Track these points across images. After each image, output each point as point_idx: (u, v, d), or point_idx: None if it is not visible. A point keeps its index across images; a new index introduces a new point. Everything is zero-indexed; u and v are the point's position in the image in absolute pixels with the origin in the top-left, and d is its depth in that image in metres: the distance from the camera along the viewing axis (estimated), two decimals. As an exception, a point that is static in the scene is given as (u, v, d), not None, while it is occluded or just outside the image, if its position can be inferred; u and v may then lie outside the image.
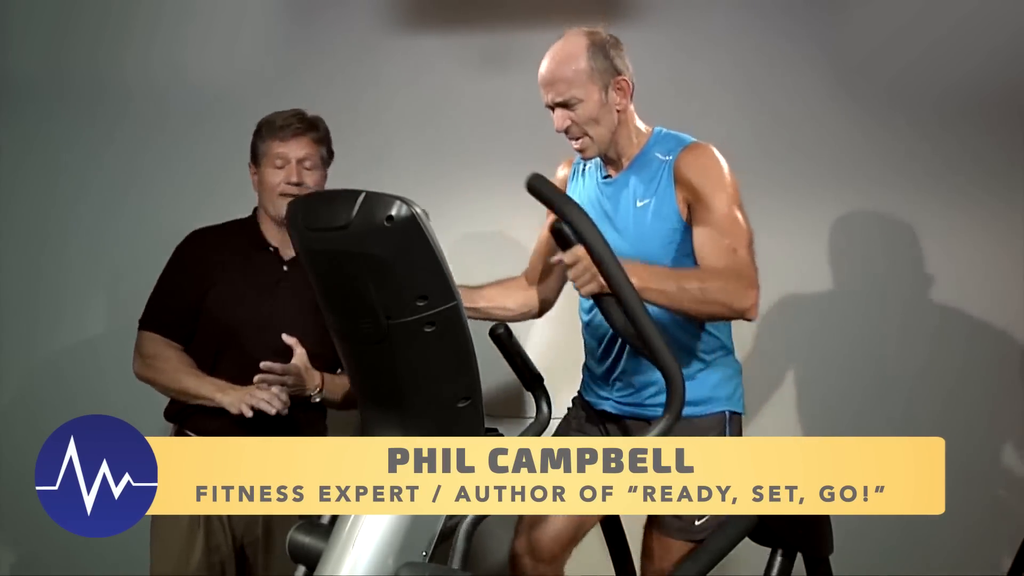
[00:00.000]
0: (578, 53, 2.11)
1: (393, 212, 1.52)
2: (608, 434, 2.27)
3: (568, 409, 2.40)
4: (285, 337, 2.26)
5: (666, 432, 1.72)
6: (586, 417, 2.34)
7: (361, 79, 3.04)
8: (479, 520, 1.65)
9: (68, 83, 3.07)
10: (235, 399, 2.22)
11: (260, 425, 2.21)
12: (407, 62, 3.02)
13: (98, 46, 3.06)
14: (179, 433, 2.39)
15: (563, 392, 2.45)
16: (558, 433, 2.33)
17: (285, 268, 2.40)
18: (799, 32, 2.93)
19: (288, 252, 2.40)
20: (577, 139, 2.15)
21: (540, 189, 1.67)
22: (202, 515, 2.32)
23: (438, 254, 1.56)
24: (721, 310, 1.95)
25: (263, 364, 2.21)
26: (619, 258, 1.74)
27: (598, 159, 2.24)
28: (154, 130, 3.02)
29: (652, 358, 1.72)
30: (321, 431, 2.47)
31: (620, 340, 2.18)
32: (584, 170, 2.30)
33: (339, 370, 2.41)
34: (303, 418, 2.32)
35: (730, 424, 2.18)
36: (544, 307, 2.43)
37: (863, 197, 2.96)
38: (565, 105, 2.11)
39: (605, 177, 2.23)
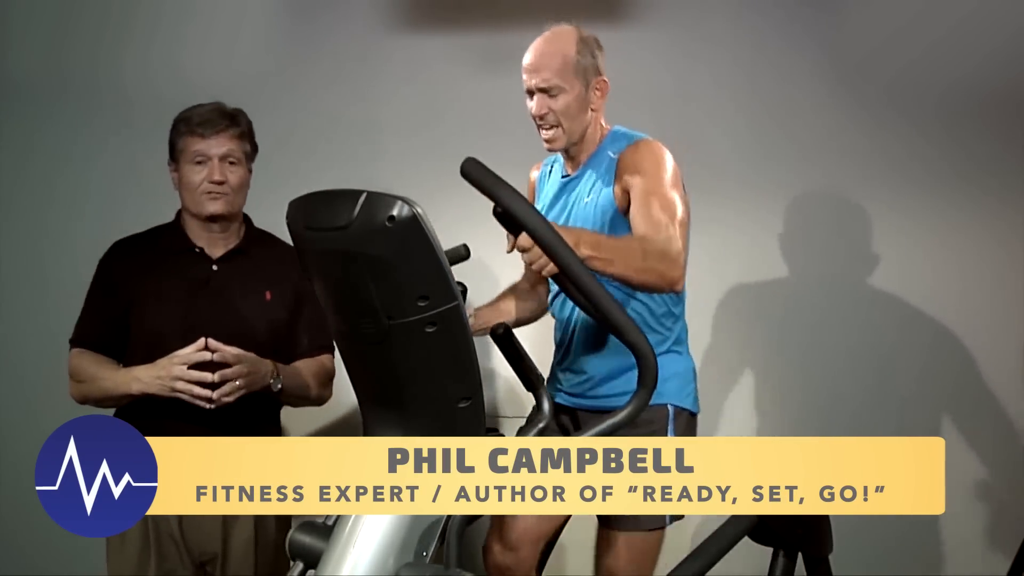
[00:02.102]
0: (568, 45, 2.17)
1: (394, 212, 1.51)
2: (562, 428, 2.32)
3: None
4: (211, 342, 2.15)
5: (641, 407, 1.70)
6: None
7: (361, 79, 3.04)
8: (470, 520, 1.65)
9: (68, 84, 3.07)
10: (154, 383, 2.14)
11: (204, 426, 2.17)
12: (407, 62, 3.02)
13: (98, 47, 3.06)
14: None
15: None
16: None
17: (215, 267, 2.32)
18: (799, 32, 2.94)
19: (216, 251, 2.33)
20: (550, 128, 2.21)
21: (473, 175, 1.64)
22: (152, 538, 2.24)
23: (439, 254, 1.55)
24: (655, 279, 1.97)
25: (216, 376, 2.12)
26: (567, 228, 1.75)
27: (561, 158, 2.32)
28: (153, 130, 2.99)
29: (617, 333, 1.69)
30: (276, 430, 2.41)
31: (571, 329, 2.26)
32: (551, 170, 2.37)
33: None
34: (254, 415, 2.24)
35: (675, 420, 2.21)
36: (540, 310, 2.46)
37: (863, 197, 2.96)
38: (546, 91, 2.18)
39: (564, 176, 2.31)
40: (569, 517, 2.35)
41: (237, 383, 2.15)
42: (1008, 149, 2.91)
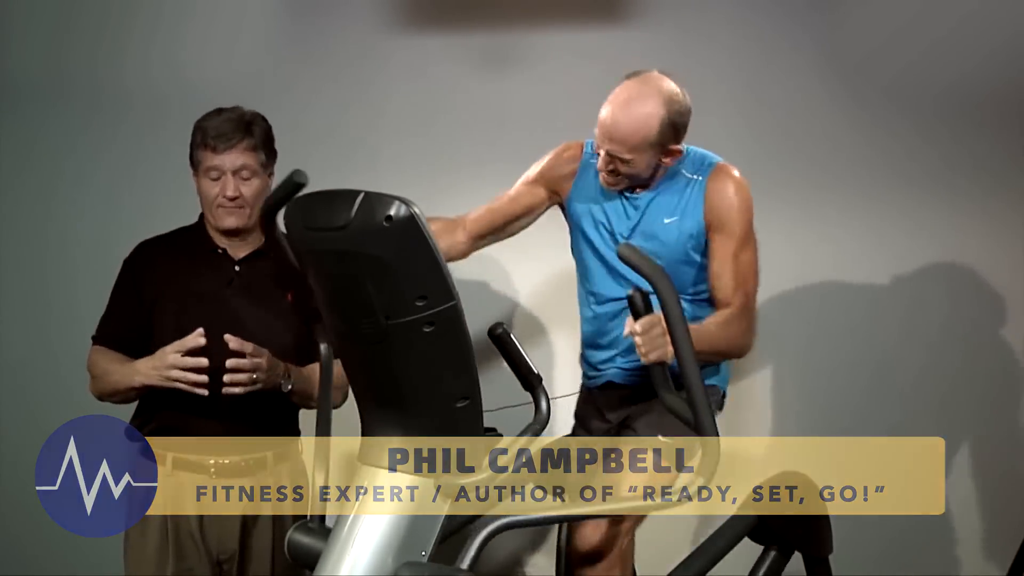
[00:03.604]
0: (650, 122, 2.10)
1: (392, 212, 1.52)
2: (605, 415, 2.32)
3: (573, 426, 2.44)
4: (230, 337, 2.14)
5: None
6: (586, 410, 2.39)
7: (361, 79, 3.04)
8: (495, 534, 1.64)
9: (68, 84, 3.07)
10: (152, 374, 2.14)
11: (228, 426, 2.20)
12: (407, 62, 3.02)
13: (98, 47, 3.06)
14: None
15: (563, 390, 2.45)
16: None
17: (237, 268, 2.32)
18: (799, 32, 2.94)
19: (239, 252, 2.33)
20: (613, 176, 2.20)
21: (632, 259, 1.70)
22: (172, 535, 2.25)
23: (437, 254, 1.56)
24: (734, 354, 2.21)
25: (230, 363, 2.11)
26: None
27: None
28: (154, 130, 3.02)
29: (693, 421, 1.75)
30: (293, 430, 2.42)
31: (622, 331, 2.20)
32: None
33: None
34: (272, 414, 2.27)
35: (721, 402, 2.32)
36: (467, 253, 2.43)
37: (862, 197, 2.96)
38: (616, 157, 2.14)
39: (632, 191, 2.26)
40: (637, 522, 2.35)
41: (253, 376, 2.14)
42: (1008, 149, 2.91)
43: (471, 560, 1.61)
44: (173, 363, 2.12)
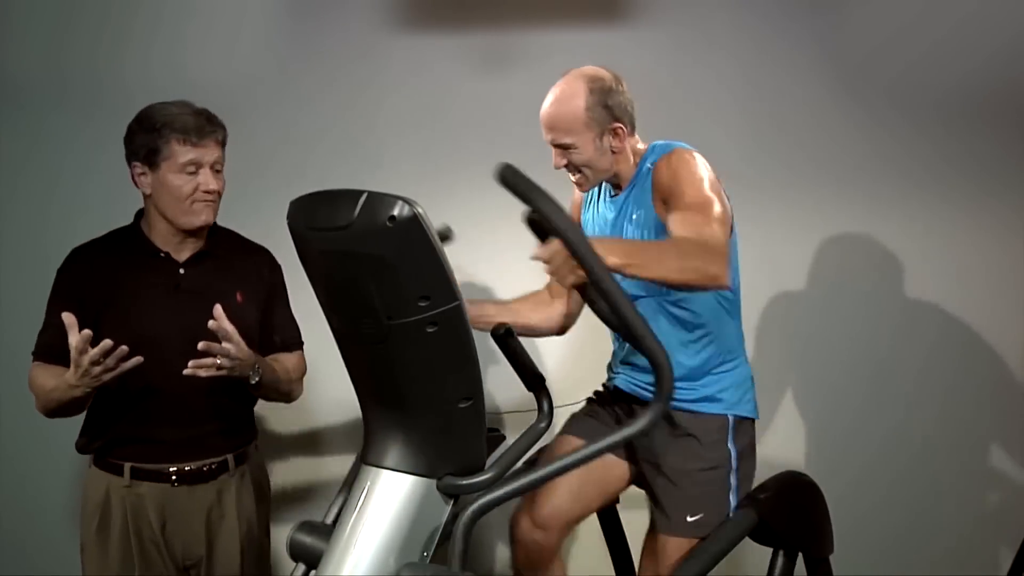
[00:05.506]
0: (576, 102, 2.15)
1: (395, 212, 1.52)
2: (615, 412, 2.32)
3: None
4: (211, 324, 2.05)
5: (657, 418, 1.69)
6: (600, 398, 2.39)
7: (361, 79, 3.04)
8: (475, 519, 1.64)
9: (68, 83, 3.07)
10: (82, 382, 2.02)
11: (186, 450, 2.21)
12: (407, 62, 3.02)
13: (98, 46, 3.06)
14: (98, 463, 2.27)
15: (564, 389, 2.45)
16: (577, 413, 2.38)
17: (182, 271, 2.25)
18: (800, 32, 2.94)
19: (182, 255, 2.26)
20: (574, 174, 2.22)
21: (511, 180, 1.61)
22: (135, 545, 2.22)
23: (440, 254, 1.55)
24: (697, 277, 1.87)
25: (201, 345, 2.03)
26: (596, 238, 1.76)
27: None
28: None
29: (637, 345, 1.69)
30: (251, 432, 2.39)
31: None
32: (600, 188, 2.34)
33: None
34: (229, 417, 2.27)
35: (735, 429, 2.20)
36: (568, 321, 2.45)
37: (863, 197, 2.96)
38: (561, 147, 2.18)
39: (612, 196, 2.29)
40: (600, 504, 2.35)
41: (218, 361, 2.07)
42: (1008, 149, 2.91)
43: (460, 555, 1.60)
44: (91, 361, 1.98)
